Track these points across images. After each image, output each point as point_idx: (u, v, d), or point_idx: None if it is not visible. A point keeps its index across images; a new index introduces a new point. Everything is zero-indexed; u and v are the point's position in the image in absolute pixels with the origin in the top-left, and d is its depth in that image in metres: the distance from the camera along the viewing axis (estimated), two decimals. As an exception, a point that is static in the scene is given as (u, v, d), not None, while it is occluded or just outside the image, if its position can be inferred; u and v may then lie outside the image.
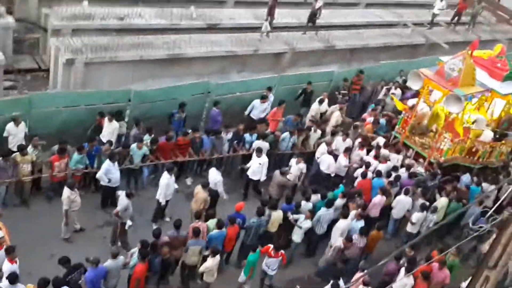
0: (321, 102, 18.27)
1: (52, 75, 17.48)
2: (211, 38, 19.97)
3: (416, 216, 14.60)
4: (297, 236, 13.49)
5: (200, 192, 13.12)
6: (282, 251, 12.20)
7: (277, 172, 14.66)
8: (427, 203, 14.77)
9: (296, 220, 13.28)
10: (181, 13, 20.70)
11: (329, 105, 18.62)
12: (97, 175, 13.27)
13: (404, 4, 29.14)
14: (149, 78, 18.28)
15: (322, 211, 13.48)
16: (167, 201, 13.64)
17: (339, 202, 14.06)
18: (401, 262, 12.87)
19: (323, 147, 16.03)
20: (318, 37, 22.20)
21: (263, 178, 15.04)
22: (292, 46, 21.44)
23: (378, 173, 15.23)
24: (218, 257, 11.63)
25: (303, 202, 13.71)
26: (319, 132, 17.11)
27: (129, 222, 12.63)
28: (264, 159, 14.83)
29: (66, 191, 12.24)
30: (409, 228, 14.85)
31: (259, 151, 14.75)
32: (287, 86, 18.68)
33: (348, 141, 16.40)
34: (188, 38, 19.41)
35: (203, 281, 11.98)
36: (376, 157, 16.01)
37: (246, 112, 17.00)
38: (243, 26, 21.77)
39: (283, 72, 20.51)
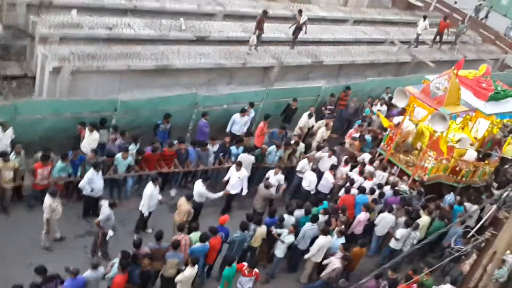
0: (310, 116, 18.36)
1: (38, 82, 17.37)
2: (200, 50, 20.00)
3: (400, 232, 14.67)
4: (279, 251, 13.47)
5: (183, 204, 13.06)
6: (256, 270, 12.05)
7: (261, 185, 14.66)
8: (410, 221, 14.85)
9: (279, 235, 13.25)
10: (170, 24, 20.72)
11: (316, 120, 18.72)
12: (80, 185, 13.18)
13: (391, 22, 29.40)
14: (136, 88, 18.25)
15: (307, 226, 13.47)
16: (150, 212, 13.55)
17: (321, 218, 14.02)
18: (382, 284, 12.86)
19: (304, 162, 16.04)
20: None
21: (244, 191, 15.01)
22: (280, 60, 21.53)
23: (362, 190, 15.27)
24: (196, 267, 11.54)
25: (286, 216, 13.68)
26: (302, 145, 17.17)
27: (110, 233, 12.54)
28: (244, 173, 14.79)
29: (47, 199, 12.13)
30: (393, 244, 14.90)
31: (238, 164, 14.70)
32: (275, 100, 18.73)
33: (334, 158, 16.43)
34: (176, 49, 19.41)
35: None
36: (361, 173, 16.07)
37: (228, 129, 16.90)
38: (231, 39, 21.82)
39: (270, 85, 20.60)
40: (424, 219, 15.15)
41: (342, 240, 13.58)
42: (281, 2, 26.60)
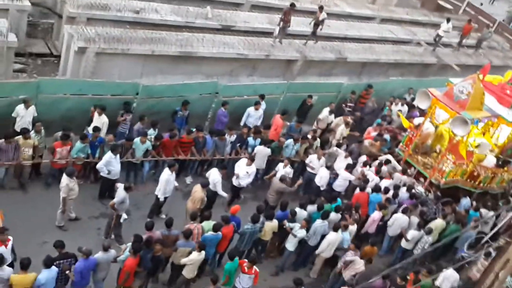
0: (331, 112, 18.29)
1: (63, 62, 17.54)
2: (224, 39, 19.99)
3: (411, 233, 14.61)
4: (291, 244, 13.48)
5: (198, 191, 13.12)
6: (256, 269, 11.88)
7: (275, 178, 14.65)
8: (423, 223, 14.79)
9: (291, 229, 13.27)
10: (197, 12, 20.76)
11: (335, 116, 18.65)
12: (97, 166, 13.30)
13: (419, 22, 29.10)
14: (159, 74, 18.33)
15: (318, 223, 13.45)
16: (165, 198, 13.65)
17: (333, 216, 13.97)
18: (388, 284, 12.83)
19: (313, 157, 15.97)
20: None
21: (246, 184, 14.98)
22: (304, 54, 21.45)
23: (377, 188, 15.22)
24: (203, 253, 11.58)
25: (298, 210, 13.69)
26: (318, 140, 17.15)
27: (124, 216, 12.66)
28: (253, 168, 14.74)
29: (64, 179, 12.26)
30: (404, 244, 14.85)
31: (251, 159, 14.69)
32: (296, 94, 18.68)
33: (349, 160, 16.27)
34: (201, 37, 19.44)
35: (182, 275, 11.84)
36: (377, 173, 16.00)
37: (242, 122, 16.72)
38: (257, 30, 21.82)
39: (292, 79, 20.54)
40: (437, 222, 15.04)
41: (347, 234, 13.60)
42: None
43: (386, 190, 15.39)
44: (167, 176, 13.25)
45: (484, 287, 8.63)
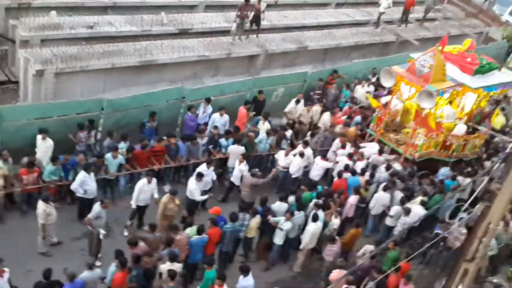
0: (298, 101, 18.31)
1: (22, 87, 17.21)
2: (183, 43, 19.86)
3: (394, 209, 14.74)
4: (278, 238, 13.46)
5: (167, 202, 12.83)
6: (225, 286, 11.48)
7: (247, 174, 14.56)
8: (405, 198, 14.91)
9: (277, 223, 13.24)
10: (151, 19, 20.54)
11: (304, 105, 18.70)
12: (72, 187, 13.11)
13: (373, 2, 29.30)
14: (122, 86, 18.12)
15: (295, 215, 13.43)
16: (144, 208, 13.51)
17: (310, 207, 14.00)
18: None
19: (280, 155, 15.86)
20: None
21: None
22: (265, 48, 21.44)
23: (353, 171, 15.31)
24: (177, 265, 11.36)
25: (278, 203, 13.69)
26: (290, 131, 17.19)
27: (102, 232, 12.45)
28: (245, 167, 14.78)
29: (41, 204, 12.06)
30: (388, 221, 14.99)
31: (245, 157, 14.77)
32: (262, 88, 18.65)
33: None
34: (159, 44, 19.26)
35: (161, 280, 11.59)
36: (350, 156, 16.04)
37: (208, 129, 16.24)
38: (215, 30, 21.69)
39: (257, 74, 20.52)
40: (418, 201, 15.07)
41: (338, 221, 13.69)
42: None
43: (363, 171, 15.48)
44: (141, 184, 13.19)
45: (469, 254, 8.72)
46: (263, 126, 16.94)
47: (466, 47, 18.05)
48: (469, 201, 14.70)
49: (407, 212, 14.49)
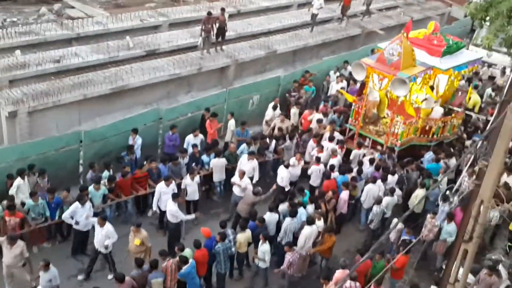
0: (275, 107, 18.32)
1: (-4, 130, 16.97)
2: (153, 64, 19.82)
3: (385, 200, 14.77)
4: (262, 263, 13.05)
5: (132, 237, 12.42)
6: None
7: (248, 192, 14.29)
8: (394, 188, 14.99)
9: (256, 252, 12.92)
10: (117, 44, 20.48)
11: (281, 109, 18.73)
12: (63, 216, 12.89)
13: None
14: (97, 116, 17.95)
15: (287, 222, 13.31)
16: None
17: (309, 208, 13.99)
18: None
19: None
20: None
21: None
22: (234, 58, 21.47)
23: (342, 171, 15.44)
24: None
25: (269, 214, 13.56)
26: (273, 142, 17.04)
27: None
28: (246, 180, 14.67)
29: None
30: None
31: (242, 173, 14.63)
32: (238, 97, 18.74)
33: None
34: (129, 68, 19.19)
35: None
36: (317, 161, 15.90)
37: (185, 146, 16.12)
38: (182, 47, 21.69)
39: (230, 85, 20.51)
40: (419, 193, 15.14)
41: (322, 222, 13.68)
42: (223, 0, 26.50)
43: (350, 169, 15.53)
44: (159, 188, 13.79)
45: (466, 234, 8.74)
46: (230, 121, 17.05)
47: (431, 30, 18.21)
48: (459, 181, 14.91)
49: (379, 201, 14.64)
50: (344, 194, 14.80)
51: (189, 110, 17.44)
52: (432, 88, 17.77)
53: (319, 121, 17.83)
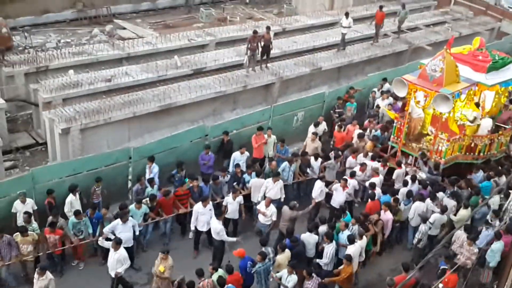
0: (316, 124, 18.36)
1: (50, 147, 17.72)
2: (199, 82, 20.29)
3: (433, 217, 14.44)
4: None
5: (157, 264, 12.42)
6: None
7: (285, 207, 14.30)
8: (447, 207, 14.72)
9: (280, 279, 12.47)
10: (166, 64, 21.09)
11: (327, 126, 18.79)
12: (104, 230, 13.20)
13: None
14: (145, 133, 18.54)
15: (329, 248, 13.11)
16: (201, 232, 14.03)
17: (354, 229, 13.78)
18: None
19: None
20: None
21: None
22: (279, 75, 21.71)
23: (384, 191, 15.23)
24: None
25: (308, 234, 13.45)
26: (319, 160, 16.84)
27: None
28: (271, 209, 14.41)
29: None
30: (430, 231, 14.62)
31: (269, 201, 14.32)
32: (282, 114, 18.92)
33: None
34: (176, 86, 19.70)
35: None
36: (352, 175, 15.76)
37: (230, 168, 16.22)
38: (228, 65, 22.14)
39: (274, 102, 20.76)
40: (462, 213, 14.77)
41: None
42: (269, 19, 26.91)
43: (393, 192, 15.31)
44: (196, 207, 13.84)
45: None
46: (270, 139, 17.01)
47: (476, 45, 17.90)
48: (510, 199, 14.46)
49: (425, 220, 14.35)
50: (385, 216, 14.45)
51: (234, 127, 17.72)
52: (477, 104, 17.43)
53: (360, 135, 17.73)
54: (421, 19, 30.17)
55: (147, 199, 14.29)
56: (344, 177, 15.68)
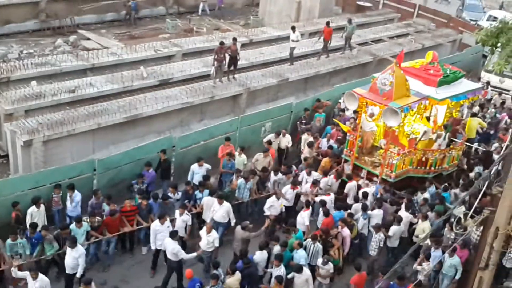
0: (278, 134, 18.32)
1: (12, 159, 17.23)
2: (166, 93, 20.10)
3: (392, 229, 14.53)
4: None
5: None
6: None
7: (238, 227, 13.94)
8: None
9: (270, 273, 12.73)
10: (131, 74, 20.84)
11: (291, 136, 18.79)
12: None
13: (344, 27, 29.86)
14: (111, 144, 18.22)
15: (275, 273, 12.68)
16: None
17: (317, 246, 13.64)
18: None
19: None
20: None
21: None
22: (246, 86, 21.69)
23: (338, 207, 15.10)
24: None
25: (259, 253, 13.09)
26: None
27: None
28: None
29: None
30: (389, 243, 14.74)
31: (210, 227, 13.73)
32: (249, 125, 18.86)
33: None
34: (143, 97, 19.46)
35: None
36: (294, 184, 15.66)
37: (188, 178, 15.93)
38: (194, 76, 22.06)
39: (242, 113, 20.70)
40: (424, 225, 14.69)
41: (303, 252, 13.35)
42: (235, 30, 26.93)
43: (346, 207, 15.22)
44: (153, 225, 13.45)
45: (482, 262, 8.61)
46: (240, 158, 16.73)
47: (429, 59, 17.74)
48: (472, 208, 14.55)
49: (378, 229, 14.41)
50: (345, 231, 14.22)
51: (202, 138, 17.58)
52: (428, 118, 17.45)
53: (310, 144, 17.60)
54: (385, 31, 30.68)
55: (87, 217, 13.77)
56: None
